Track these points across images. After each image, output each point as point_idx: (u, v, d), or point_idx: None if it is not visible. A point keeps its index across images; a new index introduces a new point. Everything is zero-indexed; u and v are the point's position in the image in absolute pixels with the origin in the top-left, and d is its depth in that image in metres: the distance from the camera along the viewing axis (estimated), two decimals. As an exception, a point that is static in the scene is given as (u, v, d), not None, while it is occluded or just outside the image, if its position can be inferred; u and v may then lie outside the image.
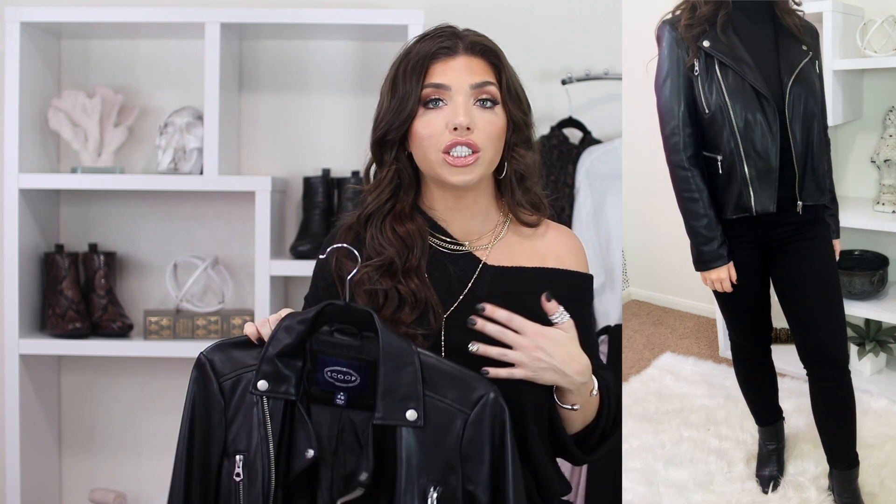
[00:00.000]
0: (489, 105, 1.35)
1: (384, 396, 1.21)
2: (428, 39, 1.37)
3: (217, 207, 2.54)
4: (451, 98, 1.33)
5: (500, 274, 1.38)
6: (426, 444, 1.20)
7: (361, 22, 2.33)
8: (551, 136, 2.46)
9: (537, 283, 1.37)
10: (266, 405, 1.25)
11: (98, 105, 2.43)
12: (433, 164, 1.34)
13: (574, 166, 2.43)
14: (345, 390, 1.25)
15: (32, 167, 2.39)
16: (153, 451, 2.59)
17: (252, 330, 1.29)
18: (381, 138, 1.37)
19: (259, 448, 1.24)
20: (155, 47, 2.55)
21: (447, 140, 1.32)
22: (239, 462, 1.25)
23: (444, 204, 1.40)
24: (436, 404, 1.21)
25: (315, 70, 2.55)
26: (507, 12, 2.53)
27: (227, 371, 1.27)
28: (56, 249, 2.45)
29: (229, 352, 1.28)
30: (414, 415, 1.20)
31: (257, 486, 1.23)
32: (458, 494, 1.20)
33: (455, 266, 1.38)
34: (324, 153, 2.54)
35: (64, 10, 2.35)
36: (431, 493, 1.19)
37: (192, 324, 2.40)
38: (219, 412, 1.27)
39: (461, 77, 1.34)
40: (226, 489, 1.26)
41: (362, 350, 1.24)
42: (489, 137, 1.34)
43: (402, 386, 1.21)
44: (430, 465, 1.20)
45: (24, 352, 2.34)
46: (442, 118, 1.33)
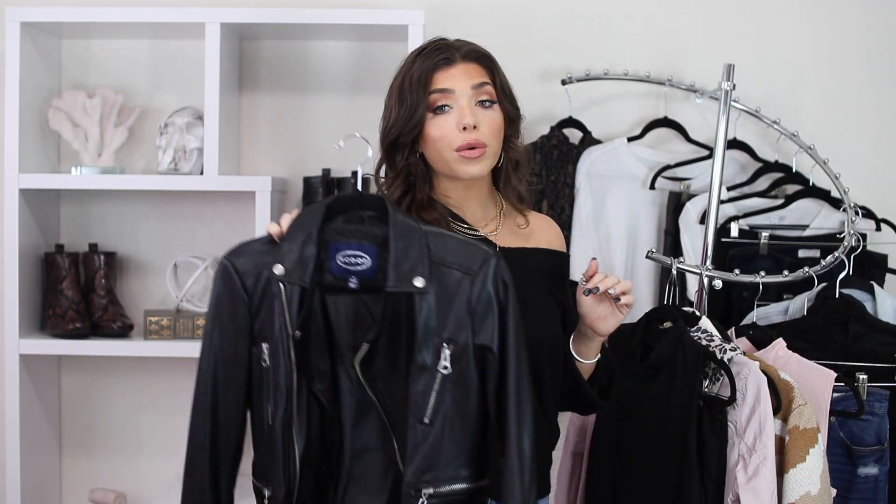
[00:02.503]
0: (488, 104, 1.55)
1: (395, 268, 1.34)
2: (427, 54, 1.55)
3: (217, 207, 2.54)
4: (455, 101, 1.53)
5: (511, 254, 1.57)
6: (437, 308, 1.35)
7: (361, 22, 2.32)
8: (551, 136, 2.46)
9: (538, 261, 1.62)
10: (284, 294, 1.35)
11: (98, 105, 2.44)
12: (448, 161, 1.53)
13: (574, 166, 2.43)
14: (356, 274, 1.38)
15: (32, 167, 2.39)
16: (153, 451, 2.59)
17: (276, 229, 1.41)
18: (393, 142, 1.56)
19: (281, 334, 1.35)
20: (155, 47, 2.55)
21: (459, 140, 1.52)
22: (266, 349, 1.37)
23: (456, 194, 1.59)
24: (443, 271, 1.36)
25: (315, 70, 2.55)
26: (507, 12, 2.53)
27: (249, 269, 1.39)
28: (56, 249, 2.45)
29: (250, 251, 1.40)
30: (422, 282, 1.34)
31: (281, 369, 1.35)
32: (469, 350, 1.36)
33: None
34: (324, 153, 2.54)
35: (64, 10, 2.34)
36: (444, 349, 1.34)
37: (192, 324, 2.40)
38: (244, 306, 1.39)
39: (462, 81, 1.53)
40: (257, 375, 1.40)
41: (370, 234, 1.38)
42: (493, 132, 1.54)
43: (409, 258, 1.34)
44: (443, 326, 1.35)
45: (24, 352, 2.34)
46: (451, 121, 1.52)
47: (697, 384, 1.78)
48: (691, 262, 2.22)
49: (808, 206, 2.37)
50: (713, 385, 1.80)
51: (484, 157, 1.53)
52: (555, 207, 2.45)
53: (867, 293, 2.14)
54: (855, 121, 2.55)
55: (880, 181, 2.54)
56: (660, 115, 2.51)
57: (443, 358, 1.34)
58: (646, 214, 2.45)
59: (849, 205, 2.19)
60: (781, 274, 2.05)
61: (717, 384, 1.80)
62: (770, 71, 2.54)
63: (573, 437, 2.07)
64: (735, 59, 2.26)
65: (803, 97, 2.55)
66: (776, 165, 2.42)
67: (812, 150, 2.32)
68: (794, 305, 2.16)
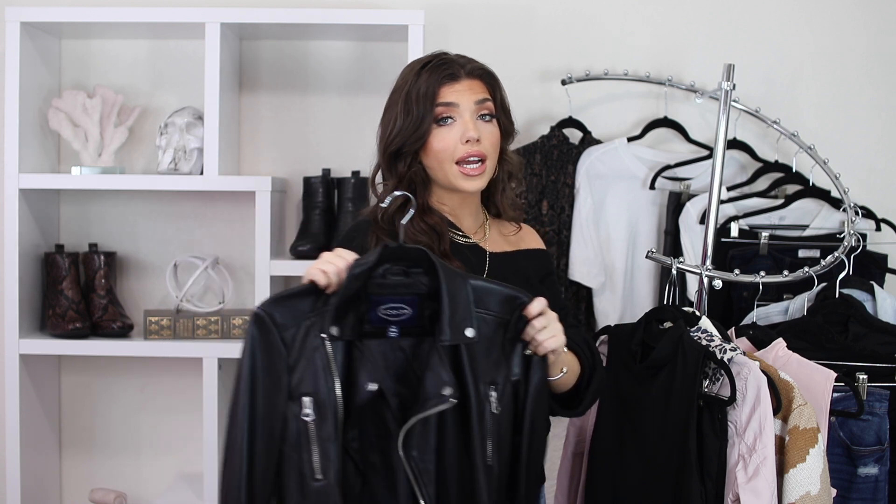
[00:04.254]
0: (488, 119, 1.63)
1: (449, 322, 1.37)
2: (432, 68, 1.61)
3: (217, 207, 2.54)
4: (459, 115, 1.60)
5: (500, 259, 1.68)
6: (481, 354, 1.40)
7: (361, 22, 2.33)
8: (551, 136, 2.46)
9: (523, 262, 1.70)
10: (328, 347, 1.36)
11: (98, 105, 2.44)
12: (448, 174, 1.61)
13: (574, 166, 2.43)
14: (396, 323, 1.41)
15: (32, 167, 2.39)
16: (153, 451, 2.59)
17: (321, 277, 1.38)
18: (396, 151, 1.62)
19: (327, 387, 1.35)
20: (155, 47, 2.55)
21: (461, 152, 1.59)
22: (308, 403, 1.35)
23: (452, 203, 1.67)
24: (484, 318, 1.41)
25: (315, 70, 2.55)
26: (507, 12, 2.53)
27: (288, 321, 1.37)
28: (56, 249, 2.45)
29: (288, 303, 1.38)
30: (472, 332, 1.38)
31: (328, 422, 1.35)
32: (507, 388, 1.42)
33: (471, 254, 1.65)
34: (324, 153, 2.54)
35: (64, 10, 2.35)
36: (490, 394, 1.39)
37: (192, 324, 2.40)
38: (282, 360, 1.36)
39: (466, 96, 1.61)
40: (293, 432, 1.36)
41: (412, 286, 1.41)
42: (493, 146, 1.63)
43: (459, 310, 1.39)
44: (486, 371, 1.40)
45: (24, 352, 2.34)
46: (454, 134, 1.60)
47: (697, 384, 1.78)
48: (691, 262, 2.22)
49: (808, 205, 2.37)
50: (713, 385, 1.80)
51: (484, 174, 1.62)
52: (555, 207, 2.45)
53: (867, 293, 2.14)
54: (855, 121, 2.55)
55: (880, 181, 2.54)
56: (660, 115, 2.51)
57: (491, 401, 1.39)
58: (646, 214, 2.45)
59: (849, 205, 2.19)
60: (781, 274, 2.05)
61: (717, 384, 1.80)
62: (770, 71, 2.54)
63: (573, 438, 2.07)
64: (735, 59, 2.26)
65: (803, 97, 2.55)
66: (776, 165, 2.42)
67: (812, 150, 2.32)
68: (794, 305, 2.16)
